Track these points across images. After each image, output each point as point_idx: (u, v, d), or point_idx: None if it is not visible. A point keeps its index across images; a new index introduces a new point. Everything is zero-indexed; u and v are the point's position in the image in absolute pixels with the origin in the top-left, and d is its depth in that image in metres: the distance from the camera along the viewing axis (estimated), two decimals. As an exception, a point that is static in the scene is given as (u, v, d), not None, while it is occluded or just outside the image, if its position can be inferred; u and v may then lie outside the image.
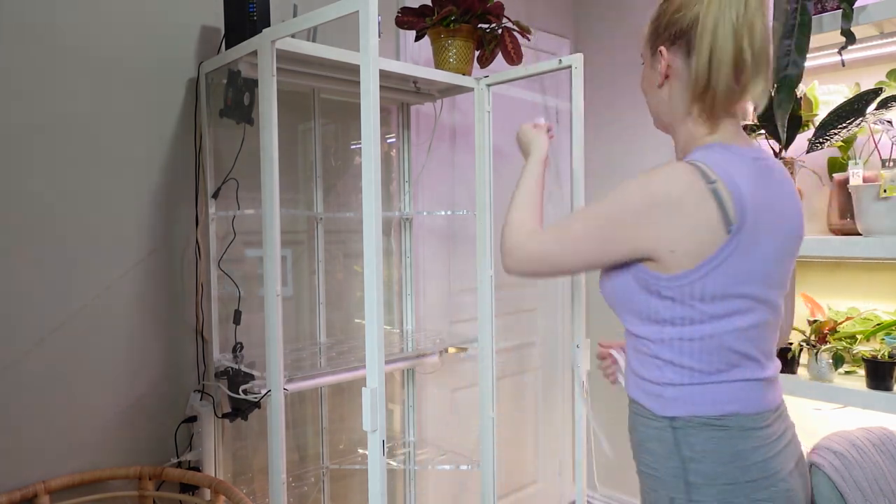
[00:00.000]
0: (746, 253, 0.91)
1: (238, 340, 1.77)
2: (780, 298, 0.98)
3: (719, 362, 0.94)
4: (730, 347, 0.93)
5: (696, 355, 0.94)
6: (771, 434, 0.94)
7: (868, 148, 1.88)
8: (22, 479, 1.49)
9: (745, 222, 0.90)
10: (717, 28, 0.91)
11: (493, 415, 1.97)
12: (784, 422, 1.00)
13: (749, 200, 0.90)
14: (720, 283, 0.91)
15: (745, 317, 0.93)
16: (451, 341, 2.04)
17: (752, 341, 0.95)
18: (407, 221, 2.22)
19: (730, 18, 0.90)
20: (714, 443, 0.92)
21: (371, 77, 1.19)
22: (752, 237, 0.91)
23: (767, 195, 0.93)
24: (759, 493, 0.90)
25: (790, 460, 0.95)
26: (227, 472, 1.83)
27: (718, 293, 0.92)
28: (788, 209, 0.97)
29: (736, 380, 0.94)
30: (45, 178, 1.52)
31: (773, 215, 0.94)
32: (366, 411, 1.19)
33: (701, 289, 0.92)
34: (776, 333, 1.00)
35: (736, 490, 0.90)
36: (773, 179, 0.96)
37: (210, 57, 1.74)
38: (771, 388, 0.99)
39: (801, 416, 2.11)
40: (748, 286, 0.92)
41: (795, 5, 1.60)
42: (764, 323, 0.96)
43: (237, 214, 1.81)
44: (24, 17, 1.48)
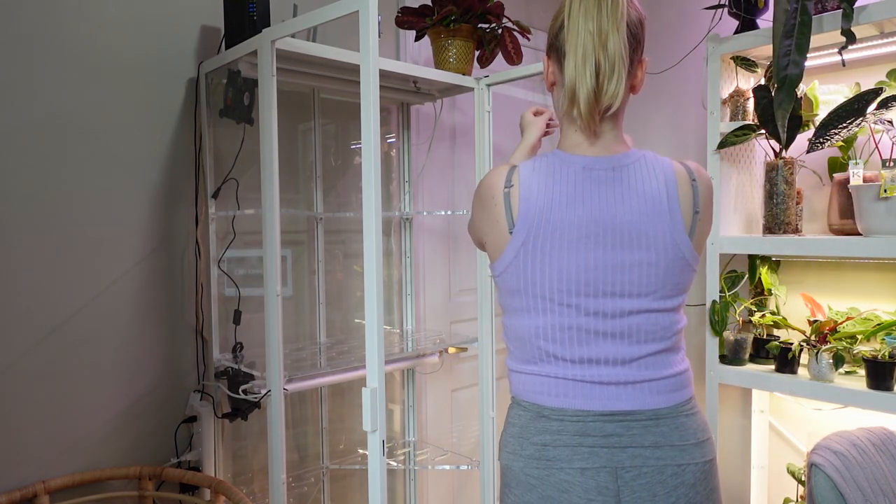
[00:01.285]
0: (535, 258, 0.98)
1: (238, 340, 1.77)
2: (612, 306, 0.98)
3: (529, 354, 1.03)
4: (533, 343, 1.02)
5: (513, 343, 1.06)
6: (565, 429, 0.99)
7: (868, 148, 1.88)
8: (22, 479, 1.49)
9: (527, 229, 0.98)
10: (580, 37, 0.97)
11: (493, 415, 1.97)
12: (617, 427, 0.98)
13: (537, 209, 0.98)
14: (513, 279, 1.01)
15: (542, 317, 1.00)
16: (451, 341, 2.04)
17: (556, 342, 1.00)
18: (407, 221, 2.22)
19: (587, 29, 0.96)
20: (514, 418, 1.05)
21: (371, 77, 1.19)
22: (540, 244, 0.98)
23: (585, 204, 0.98)
24: (530, 469, 1.00)
25: (587, 461, 0.98)
26: (227, 472, 1.83)
27: (513, 289, 1.02)
28: (623, 220, 0.97)
29: (541, 374, 1.02)
30: (45, 178, 1.52)
31: (587, 225, 0.97)
32: (366, 411, 1.19)
33: (503, 282, 1.03)
34: (615, 340, 0.99)
35: (511, 458, 1.03)
36: (607, 189, 0.99)
37: (210, 57, 1.74)
38: (596, 391, 0.99)
39: (802, 416, 2.11)
40: (539, 287, 0.99)
41: (795, 5, 1.60)
42: (569, 326, 0.99)
43: (237, 214, 1.81)
44: (23, 17, 1.48)
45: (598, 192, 0.98)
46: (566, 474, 0.98)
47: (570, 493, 0.97)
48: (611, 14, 0.95)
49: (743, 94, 1.96)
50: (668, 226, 0.98)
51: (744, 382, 1.89)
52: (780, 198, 1.82)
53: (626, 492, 0.97)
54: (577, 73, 0.97)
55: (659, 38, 2.52)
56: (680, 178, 1.00)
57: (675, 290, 1.00)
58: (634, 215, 0.98)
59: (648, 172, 1.00)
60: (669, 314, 1.01)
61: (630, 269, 0.98)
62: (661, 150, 2.55)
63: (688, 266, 1.00)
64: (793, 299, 2.10)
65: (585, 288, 0.98)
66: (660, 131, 2.54)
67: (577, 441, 0.98)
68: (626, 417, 0.98)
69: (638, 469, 0.97)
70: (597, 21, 0.96)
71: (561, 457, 0.98)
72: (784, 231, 1.82)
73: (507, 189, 1.00)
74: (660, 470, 0.98)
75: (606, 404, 0.99)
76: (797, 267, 2.10)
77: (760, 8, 1.89)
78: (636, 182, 0.99)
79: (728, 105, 1.99)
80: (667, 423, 0.99)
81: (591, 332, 0.99)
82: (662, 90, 2.52)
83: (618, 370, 0.99)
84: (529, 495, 1.00)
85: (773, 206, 1.83)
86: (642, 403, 0.99)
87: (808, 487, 1.31)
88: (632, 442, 0.98)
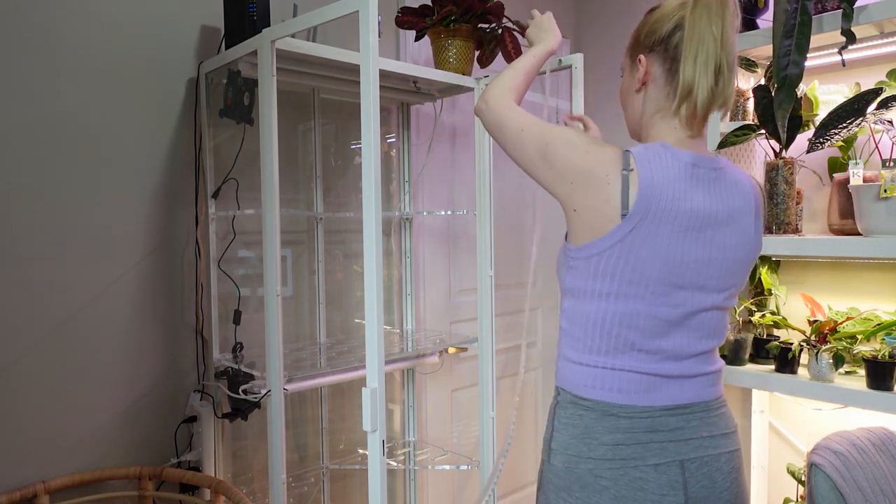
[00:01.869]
0: (646, 242, 0.97)
1: (238, 340, 1.77)
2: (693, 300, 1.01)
3: (602, 342, 1.02)
4: (611, 331, 1.01)
5: (582, 330, 1.04)
6: (636, 426, 1.00)
7: (868, 148, 1.88)
8: (22, 479, 1.49)
9: (642, 214, 0.97)
10: (704, 39, 0.99)
11: (493, 415, 1.97)
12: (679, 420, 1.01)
13: (655, 196, 0.97)
14: (611, 261, 0.99)
15: (632, 302, 1.00)
16: (451, 341, 2.04)
17: (639, 329, 1.00)
18: (407, 221, 2.22)
19: (711, 32, 0.99)
20: (575, 419, 1.03)
21: (371, 77, 1.19)
22: (650, 231, 0.97)
23: (691, 199, 0.99)
24: (601, 470, 0.99)
25: (659, 457, 0.99)
26: (227, 472, 1.83)
27: (608, 271, 1.00)
28: (722, 218, 1.02)
29: (613, 368, 1.02)
30: (45, 178, 1.52)
31: (692, 218, 0.99)
32: (366, 411, 1.19)
33: (597, 263, 1.00)
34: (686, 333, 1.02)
35: (575, 461, 1.02)
36: (709, 187, 1.02)
37: (210, 57, 1.74)
38: (662, 385, 1.02)
39: (801, 416, 2.11)
40: (640, 274, 0.99)
41: (795, 5, 1.60)
42: (652, 315, 1.00)
43: (237, 214, 1.81)
44: (23, 17, 1.47)
45: (703, 190, 1.01)
46: (641, 472, 0.99)
47: (645, 491, 0.98)
48: (731, 18, 1.00)
49: (743, 94, 1.96)
50: (752, 229, 1.06)
51: (744, 382, 1.89)
52: (780, 198, 1.82)
53: (692, 482, 1.00)
54: (699, 74, 0.99)
55: (659, 38, 2.52)
56: (757, 189, 1.10)
57: (740, 289, 1.07)
58: (730, 216, 1.03)
59: (738, 178, 1.06)
60: (726, 313, 1.08)
61: (719, 265, 1.02)
62: (661, 150, 2.54)
63: (751, 268, 1.11)
64: (793, 299, 2.10)
65: (680, 279, 1.00)
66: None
67: (647, 437, 1.00)
68: (685, 410, 1.02)
69: (700, 459, 1.01)
70: (720, 24, 0.99)
71: (635, 455, 0.99)
72: (784, 231, 1.82)
73: (625, 172, 0.98)
74: (716, 458, 1.03)
75: (670, 398, 1.02)
76: (797, 267, 2.10)
77: (760, 8, 1.89)
78: (731, 186, 1.05)
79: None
80: (715, 415, 1.05)
81: (671, 324, 1.01)
82: (662, 90, 2.52)
83: (681, 364, 1.03)
84: (601, 497, 0.99)
85: (773, 206, 1.83)
86: (697, 396, 1.03)
87: (808, 487, 1.31)
88: (692, 434, 1.02)
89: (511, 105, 1.12)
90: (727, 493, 1.03)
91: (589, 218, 1.00)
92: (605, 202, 0.98)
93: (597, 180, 0.99)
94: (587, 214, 1.00)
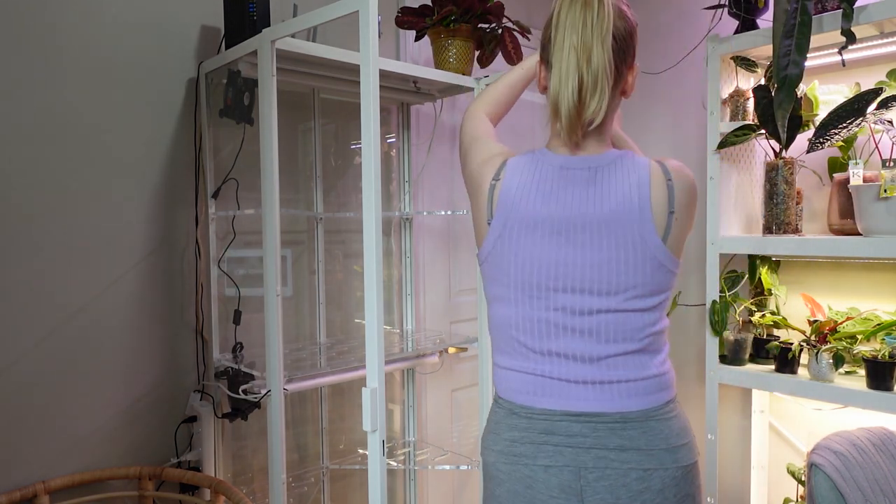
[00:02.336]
0: (509, 249, 1.02)
1: (238, 340, 1.77)
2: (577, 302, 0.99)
3: (505, 344, 1.06)
4: (507, 332, 1.05)
5: (493, 333, 1.09)
6: (533, 427, 1.02)
7: (868, 148, 1.88)
8: (22, 479, 1.49)
9: (503, 222, 1.02)
10: (564, 50, 0.96)
11: (493, 415, 1.97)
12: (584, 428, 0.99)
13: (514, 205, 1.01)
14: (491, 268, 1.05)
15: (515, 307, 1.03)
16: (451, 341, 2.04)
17: (526, 332, 1.03)
18: (407, 221, 2.22)
19: (570, 44, 0.96)
20: (491, 415, 1.09)
21: (371, 77, 1.19)
22: (513, 237, 1.01)
23: (555, 203, 1.00)
24: (500, 463, 1.04)
25: (551, 459, 0.99)
26: (227, 472, 1.83)
27: (491, 277, 1.06)
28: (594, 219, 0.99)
29: (514, 369, 1.05)
30: (45, 178, 1.52)
31: (556, 223, 1.00)
32: (366, 411, 1.19)
33: (485, 270, 1.07)
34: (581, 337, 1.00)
35: (486, 453, 1.07)
36: (582, 189, 1.00)
37: (210, 57, 1.74)
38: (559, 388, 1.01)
39: (801, 416, 2.11)
40: (513, 278, 1.02)
41: (795, 5, 1.60)
42: (538, 318, 1.01)
43: (237, 214, 1.81)
44: (23, 17, 1.48)
45: (572, 191, 1.01)
46: (530, 470, 1.01)
47: (533, 490, 1.00)
48: (596, 28, 0.95)
49: (743, 94, 1.96)
50: (638, 226, 0.98)
51: (744, 382, 1.89)
52: (780, 198, 1.82)
53: (589, 492, 0.98)
54: (561, 88, 0.96)
55: (659, 38, 2.52)
56: (654, 179, 0.99)
57: (646, 291, 0.99)
58: (605, 215, 0.98)
59: (623, 173, 1.00)
60: (641, 315, 1.00)
61: (598, 267, 0.98)
62: (661, 151, 2.55)
63: (661, 267, 0.99)
64: (793, 299, 2.10)
65: (554, 282, 1.00)
66: (660, 131, 2.54)
67: (542, 439, 1.01)
68: (593, 419, 0.99)
69: (601, 471, 0.98)
70: (581, 35, 0.95)
71: (526, 453, 1.01)
72: (784, 231, 1.82)
73: (493, 182, 1.05)
74: (624, 473, 0.97)
75: (573, 404, 1.00)
76: (797, 267, 2.10)
77: (760, 8, 1.89)
78: (610, 182, 1.00)
79: (728, 105, 1.99)
80: (634, 427, 0.99)
81: (559, 327, 1.00)
82: (662, 90, 2.52)
83: (584, 368, 1.00)
84: (499, 489, 1.04)
85: (773, 206, 1.83)
86: (609, 406, 0.99)
87: (808, 487, 1.31)
88: (596, 443, 0.98)
89: (473, 115, 1.18)
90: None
91: (476, 226, 1.08)
92: (479, 211, 1.06)
93: (477, 189, 1.07)
94: (475, 222, 1.08)
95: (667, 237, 0.99)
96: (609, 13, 0.96)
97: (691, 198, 1.02)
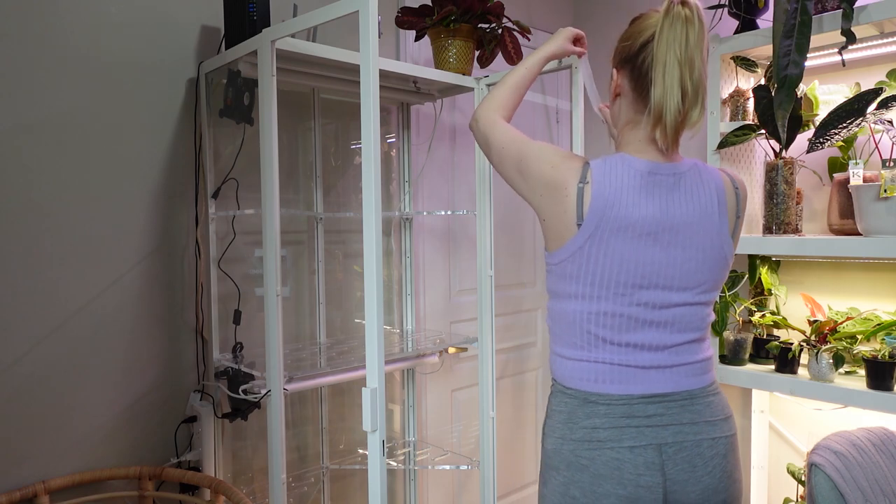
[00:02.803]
0: (598, 251, 1.07)
1: (238, 340, 1.77)
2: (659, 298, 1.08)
3: (577, 338, 1.12)
4: (583, 327, 1.11)
5: (561, 327, 1.14)
6: (613, 412, 1.08)
7: (868, 148, 1.88)
8: (22, 479, 1.49)
9: (595, 224, 1.06)
10: (670, 62, 1.03)
11: (493, 415, 1.97)
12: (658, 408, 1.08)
13: (608, 208, 1.06)
14: (574, 267, 1.09)
15: (597, 303, 1.09)
16: (451, 341, 2.04)
17: (606, 327, 1.09)
18: (407, 221, 2.22)
19: (676, 55, 1.03)
20: (561, 405, 1.13)
21: (371, 77, 1.19)
22: (605, 238, 1.06)
23: (646, 206, 1.07)
24: (581, 450, 1.09)
25: (635, 440, 1.07)
26: (227, 472, 1.83)
27: (572, 275, 1.10)
28: (680, 221, 1.08)
29: (588, 360, 1.11)
30: (45, 178, 1.52)
31: (647, 224, 1.06)
32: (366, 411, 1.19)
33: (562, 269, 1.11)
34: (658, 328, 1.09)
35: (560, 442, 1.11)
36: (668, 193, 1.08)
37: (210, 57, 1.74)
38: (637, 375, 1.09)
39: (801, 416, 2.11)
40: (599, 277, 1.08)
41: (795, 5, 1.60)
42: (620, 314, 1.08)
43: (237, 214, 1.81)
44: (23, 17, 1.48)
45: (660, 195, 1.08)
46: (617, 453, 1.07)
47: (622, 471, 1.07)
48: (697, 42, 1.03)
49: (743, 94, 1.96)
50: (717, 228, 1.10)
51: (744, 382, 1.89)
52: (780, 198, 1.82)
53: (670, 465, 1.07)
54: (667, 98, 1.03)
55: (659, 38, 2.52)
56: (727, 187, 1.12)
57: (714, 286, 1.12)
58: (690, 218, 1.08)
59: (702, 180, 1.11)
60: (705, 307, 1.12)
61: (682, 265, 1.08)
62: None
63: (727, 264, 1.12)
64: (793, 299, 2.10)
65: (641, 280, 1.08)
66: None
67: (624, 422, 1.08)
68: (665, 398, 1.09)
69: (679, 444, 1.08)
70: (686, 49, 1.03)
71: (611, 437, 1.08)
72: (784, 231, 1.82)
73: (581, 185, 1.08)
74: (697, 444, 1.08)
75: (648, 387, 1.09)
76: (797, 267, 2.10)
77: (760, 8, 1.89)
78: (692, 188, 1.10)
79: (728, 105, 1.99)
80: (700, 402, 1.10)
81: (639, 321, 1.09)
82: (662, 90, 2.52)
83: (657, 355, 1.09)
84: (581, 475, 1.09)
85: (773, 206, 1.83)
86: (678, 385, 1.10)
87: (808, 487, 1.31)
88: (672, 420, 1.08)
89: (497, 122, 1.21)
90: (708, 478, 1.08)
91: (554, 227, 1.10)
92: (564, 213, 1.09)
93: (558, 192, 1.09)
94: (553, 223, 1.10)
95: (734, 237, 1.13)
96: (705, 29, 1.05)
97: (746, 204, 1.18)
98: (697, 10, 1.03)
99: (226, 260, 1.79)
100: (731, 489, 1.11)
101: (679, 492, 1.07)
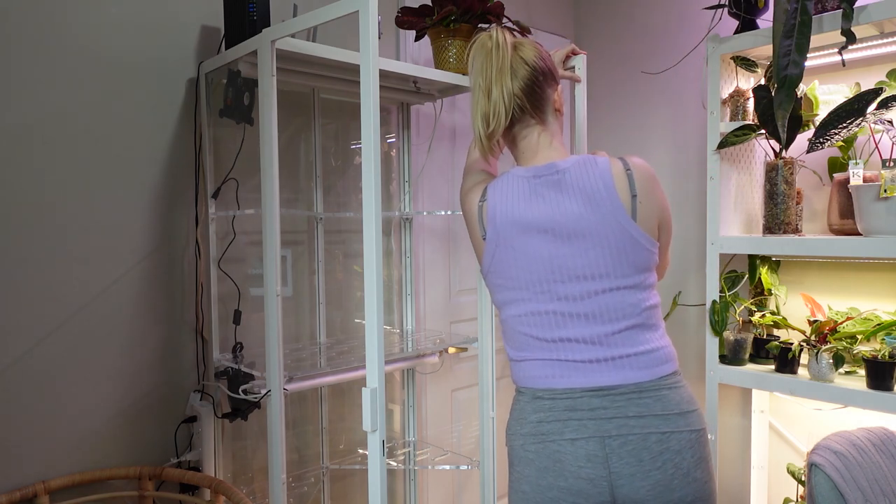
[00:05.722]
0: (507, 255, 1.15)
1: (238, 340, 1.77)
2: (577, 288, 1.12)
3: (517, 342, 1.18)
4: (518, 330, 1.17)
5: (506, 335, 1.21)
6: (556, 406, 1.11)
7: (868, 148, 1.88)
8: (22, 479, 1.49)
9: (495, 233, 1.16)
10: (474, 91, 1.19)
11: (493, 415, 1.97)
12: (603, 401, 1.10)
13: (499, 217, 1.16)
14: (495, 277, 1.18)
15: (522, 305, 1.15)
16: (451, 341, 2.04)
17: (535, 326, 1.14)
18: (407, 221, 2.22)
19: (478, 84, 1.17)
20: (515, 404, 1.19)
21: (371, 77, 1.19)
22: (507, 244, 1.15)
23: (535, 209, 1.14)
24: (528, 444, 1.12)
25: (577, 433, 1.09)
26: (227, 472, 1.83)
27: (496, 285, 1.19)
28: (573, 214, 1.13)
29: (530, 359, 1.16)
30: (45, 178, 1.52)
31: (540, 224, 1.13)
32: (366, 411, 1.19)
33: (489, 281, 1.20)
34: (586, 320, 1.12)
35: (512, 438, 1.16)
36: (554, 192, 1.15)
37: (210, 57, 1.74)
38: (577, 369, 1.12)
39: (801, 416, 2.11)
40: (515, 280, 1.15)
41: (795, 5, 1.60)
42: (545, 311, 1.13)
43: (237, 214, 1.81)
44: (24, 17, 1.48)
45: (547, 194, 1.15)
46: (558, 445, 1.10)
47: (563, 463, 1.09)
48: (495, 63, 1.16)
49: (743, 94, 1.96)
50: (609, 210, 1.11)
51: (744, 382, 1.89)
52: (780, 198, 1.82)
53: (614, 458, 1.07)
54: (473, 118, 1.19)
55: (659, 38, 2.52)
56: (615, 171, 1.14)
57: (632, 269, 1.12)
58: (581, 208, 1.12)
59: (586, 171, 1.15)
60: (634, 291, 1.12)
61: (586, 253, 1.11)
62: (660, 150, 2.55)
63: (638, 245, 1.12)
64: (793, 299, 2.10)
65: (554, 275, 1.13)
66: (660, 131, 2.54)
67: (566, 416, 1.10)
68: (611, 391, 1.10)
69: (623, 437, 1.08)
70: (484, 75, 1.16)
71: (553, 430, 1.11)
72: (784, 231, 1.82)
73: (480, 203, 1.21)
74: (644, 437, 1.08)
75: (591, 380, 1.11)
76: (797, 267, 2.10)
77: (760, 8, 1.89)
78: (577, 180, 1.14)
79: (728, 105, 1.99)
80: (649, 395, 1.10)
81: (566, 315, 1.13)
82: (662, 90, 2.52)
83: (594, 348, 1.11)
84: (528, 469, 1.12)
85: (773, 206, 1.83)
86: (625, 378, 1.10)
87: (808, 487, 1.31)
88: (617, 413, 1.09)
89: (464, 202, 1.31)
90: (658, 473, 1.06)
91: (475, 248, 1.23)
92: (475, 232, 1.21)
93: (470, 215, 1.22)
94: (474, 245, 1.23)
95: (635, 216, 1.12)
96: (509, 51, 1.17)
97: (651, 184, 1.15)
98: (498, 38, 1.16)
99: (226, 260, 1.79)
100: (690, 488, 1.07)
101: (626, 486, 1.06)
